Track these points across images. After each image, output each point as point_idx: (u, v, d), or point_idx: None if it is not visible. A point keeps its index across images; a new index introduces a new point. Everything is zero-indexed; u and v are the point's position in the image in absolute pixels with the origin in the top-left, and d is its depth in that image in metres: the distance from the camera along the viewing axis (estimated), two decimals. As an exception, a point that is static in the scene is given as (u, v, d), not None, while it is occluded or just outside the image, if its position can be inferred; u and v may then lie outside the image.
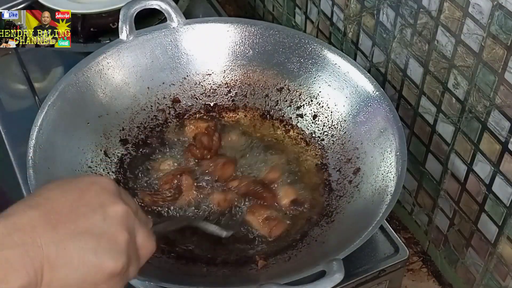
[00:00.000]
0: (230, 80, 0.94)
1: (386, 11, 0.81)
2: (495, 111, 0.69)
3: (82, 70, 0.85)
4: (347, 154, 0.84)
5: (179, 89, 0.92)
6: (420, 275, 0.90)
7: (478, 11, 0.66)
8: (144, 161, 0.85)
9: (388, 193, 0.73)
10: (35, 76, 1.05)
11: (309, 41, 0.89)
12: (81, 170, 0.80)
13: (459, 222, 0.82)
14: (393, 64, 0.84)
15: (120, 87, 0.89)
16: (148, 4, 0.89)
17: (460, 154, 0.78)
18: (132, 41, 0.89)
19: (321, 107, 0.89)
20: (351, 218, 0.77)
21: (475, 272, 0.82)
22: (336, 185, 0.83)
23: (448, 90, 0.76)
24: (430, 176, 0.85)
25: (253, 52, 0.92)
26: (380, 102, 0.82)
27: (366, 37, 0.88)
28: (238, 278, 0.72)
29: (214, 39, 0.92)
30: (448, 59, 0.73)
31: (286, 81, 0.91)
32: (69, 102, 0.82)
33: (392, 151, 0.77)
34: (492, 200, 0.74)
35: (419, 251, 0.93)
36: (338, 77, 0.87)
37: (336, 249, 0.68)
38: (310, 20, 1.03)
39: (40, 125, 0.78)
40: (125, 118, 0.88)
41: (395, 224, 0.95)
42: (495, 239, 0.76)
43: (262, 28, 0.91)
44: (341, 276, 0.62)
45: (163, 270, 0.71)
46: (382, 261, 0.77)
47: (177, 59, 0.92)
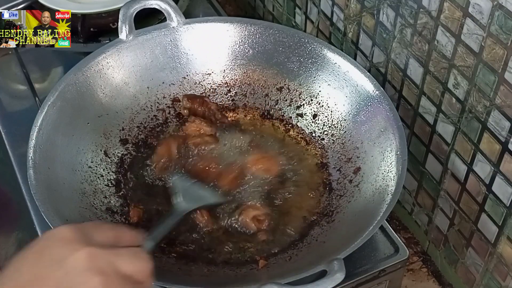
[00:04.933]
0: (230, 79, 0.94)
1: (386, 11, 0.81)
2: (495, 111, 0.69)
3: (82, 70, 0.85)
4: (347, 154, 0.84)
5: (179, 89, 0.92)
6: (420, 275, 0.90)
7: (478, 11, 0.66)
8: (144, 161, 0.85)
9: (388, 193, 0.73)
10: (35, 76, 1.04)
11: (309, 40, 0.89)
12: (81, 170, 0.80)
13: (459, 222, 0.82)
14: (393, 64, 0.84)
15: (120, 87, 0.89)
16: (148, 4, 0.89)
17: (460, 154, 0.78)
18: (131, 41, 0.89)
19: (321, 106, 0.89)
20: (351, 218, 0.77)
21: (475, 272, 0.82)
22: (337, 185, 0.83)
23: (448, 90, 0.76)
24: (430, 176, 0.85)
25: (253, 52, 0.92)
26: (380, 101, 0.82)
27: (366, 37, 0.88)
28: (239, 278, 0.72)
29: (214, 38, 0.92)
30: (448, 59, 0.73)
31: (286, 80, 0.91)
32: (69, 102, 0.82)
33: (393, 150, 0.77)
34: (492, 200, 0.74)
35: (419, 251, 0.93)
36: (338, 76, 0.87)
37: (337, 248, 0.68)
38: (310, 20, 1.03)
39: (40, 125, 0.78)
40: (125, 118, 0.88)
41: (395, 224, 0.95)
42: (495, 239, 0.76)
43: (262, 27, 0.91)
44: (342, 275, 0.62)
45: (164, 270, 0.71)
46: (382, 261, 0.77)
47: (177, 59, 0.92)
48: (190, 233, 0.77)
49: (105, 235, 0.53)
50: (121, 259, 0.51)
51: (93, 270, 0.48)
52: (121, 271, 0.50)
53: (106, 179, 0.82)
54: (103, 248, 0.50)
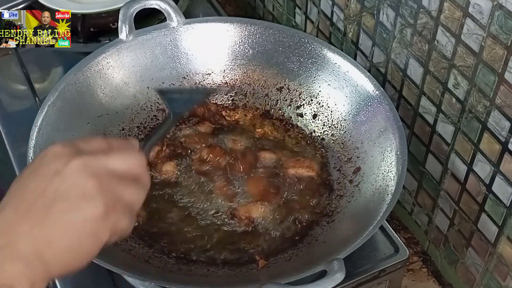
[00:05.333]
0: (230, 79, 0.94)
1: (386, 11, 0.81)
2: (495, 111, 0.69)
3: (82, 70, 0.85)
4: (347, 154, 0.85)
5: (179, 89, 0.92)
6: (420, 275, 0.90)
7: (478, 11, 0.66)
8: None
9: (388, 193, 0.73)
10: (35, 76, 1.05)
11: (309, 40, 0.89)
12: (81, 170, 0.80)
13: (459, 222, 0.82)
14: (393, 64, 0.84)
15: (120, 87, 0.89)
16: (148, 4, 0.89)
17: (460, 154, 0.78)
18: (131, 41, 0.89)
19: (321, 106, 0.89)
20: (351, 218, 0.77)
21: (475, 272, 0.82)
22: (337, 185, 0.83)
23: (448, 90, 0.76)
24: (430, 176, 0.85)
25: (253, 52, 0.92)
26: (380, 101, 0.82)
27: (366, 37, 0.88)
28: (239, 278, 0.72)
29: (213, 38, 0.92)
30: (448, 59, 0.73)
31: (286, 80, 0.91)
32: (69, 102, 0.82)
33: (393, 150, 0.77)
34: (492, 200, 0.74)
35: (419, 251, 0.93)
36: (338, 76, 0.87)
37: (337, 248, 0.68)
38: (310, 20, 1.03)
39: (40, 125, 0.78)
40: (125, 118, 0.88)
41: (395, 224, 0.95)
42: (495, 239, 0.76)
43: (261, 27, 0.91)
44: (342, 275, 0.62)
45: (164, 270, 0.71)
46: (382, 261, 0.77)
47: (176, 59, 0.92)
48: (191, 233, 0.77)
49: (97, 145, 0.55)
50: (112, 159, 0.53)
51: (87, 174, 0.50)
52: (114, 170, 0.52)
53: (106, 179, 0.81)
54: (95, 155, 0.52)
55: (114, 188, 0.51)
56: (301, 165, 0.84)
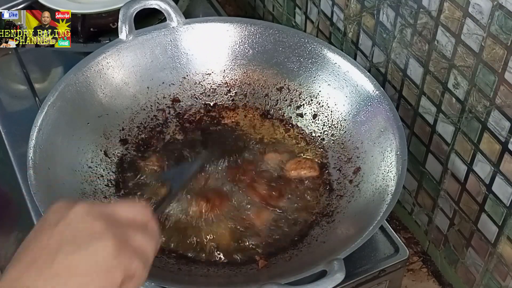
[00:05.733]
0: (230, 79, 0.94)
1: (386, 11, 0.81)
2: (495, 111, 0.69)
3: (82, 70, 0.85)
4: (347, 154, 0.84)
5: (179, 89, 0.92)
6: (420, 275, 0.90)
7: (478, 11, 0.66)
8: (144, 161, 0.85)
9: (388, 193, 0.73)
10: (35, 76, 1.04)
11: (309, 40, 0.89)
12: (81, 170, 0.80)
13: (459, 222, 0.82)
14: (393, 64, 0.84)
15: (120, 87, 0.89)
16: (148, 4, 0.89)
17: (460, 154, 0.78)
18: (131, 41, 0.89)
19: (321, 106, 0.89)
20: (351, 218, 0.77)
21: (475, 272, 0.82)
22: (337, 185, 0.83)
23: (448, 90, 0.76)
24: (430, 176, 0.85)
25: (252, 52, 0.92)
26: (380, 101, 0.82)
27: (366, 37, 0.88)
28: (239, 278, 0.72)
29: (213, 38, 0.92)
30: (448, 59, 0.73)
31: (286, 80, 0.91)
32: (69, 102, 0.82)
33: (393, 150, 0.77)
34: (492, 200, 0.74)
35: (419, 251, 0.93)
36: (338, 76, 0.87)
37: (337, 248, 0.68)
38: (310, 20, 1.03)
39: (40, 125, 0.78)
40: (125, 118, 0.88)
41: (395, 224, 0.95)
42: (495, 239, 0.76)
43: (261, 27, 0.91)
44: (342, 276, 0.62)
45: (164, 270, 0.71)
46: (382, 261, 0.77)
47: (176, 59, 0.92)
48: (190, 233, 0.77)
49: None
50: (118, 206, 0.52)
51: (92, 216, 0.49)
52: (121, 216, 0.51)
53: (106, 179, 0.82)
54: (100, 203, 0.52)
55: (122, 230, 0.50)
56: (303, 166, 0.84)
